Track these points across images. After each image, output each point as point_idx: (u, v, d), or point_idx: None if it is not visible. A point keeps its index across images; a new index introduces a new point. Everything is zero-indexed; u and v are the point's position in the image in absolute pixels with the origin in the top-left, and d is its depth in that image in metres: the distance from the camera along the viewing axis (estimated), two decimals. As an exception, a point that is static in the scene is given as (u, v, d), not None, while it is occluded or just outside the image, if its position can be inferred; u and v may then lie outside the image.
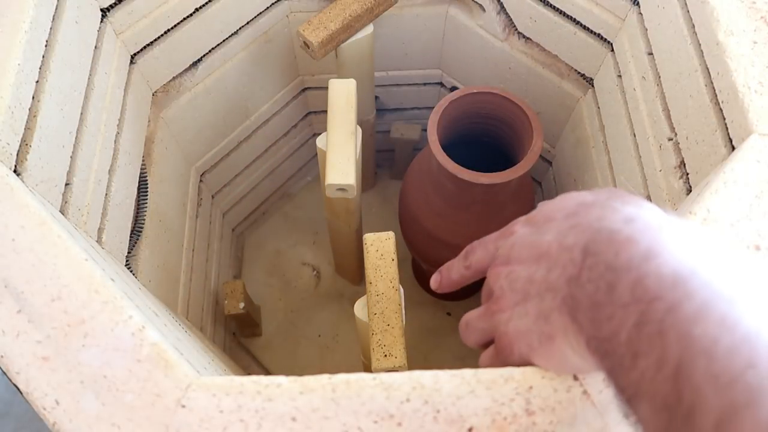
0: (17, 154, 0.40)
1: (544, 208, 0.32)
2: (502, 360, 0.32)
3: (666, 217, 0.25)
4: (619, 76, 0.59)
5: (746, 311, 0.21)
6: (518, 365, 0.31)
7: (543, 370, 0.30)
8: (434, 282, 0.40)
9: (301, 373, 0.31)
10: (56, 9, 0.46)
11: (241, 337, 0.91)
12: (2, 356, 0.32)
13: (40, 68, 0.43)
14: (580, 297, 0.25)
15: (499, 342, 0.32)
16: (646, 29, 0.53)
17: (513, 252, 0.32)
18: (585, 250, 0.26)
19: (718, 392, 0.19)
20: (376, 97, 0.87)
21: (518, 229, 0.33)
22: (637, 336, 0.22)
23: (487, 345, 0.34)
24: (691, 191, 0.45)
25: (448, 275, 0.39)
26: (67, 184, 0.46)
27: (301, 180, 1.04)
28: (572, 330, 0.26)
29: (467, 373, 0.31)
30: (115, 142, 0.54)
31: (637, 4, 0.55)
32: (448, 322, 0.92)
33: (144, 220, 0.59)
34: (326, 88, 0.65)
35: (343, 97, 0.64)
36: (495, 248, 0.34)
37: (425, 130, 0.64)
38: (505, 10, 0.69)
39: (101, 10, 0.54)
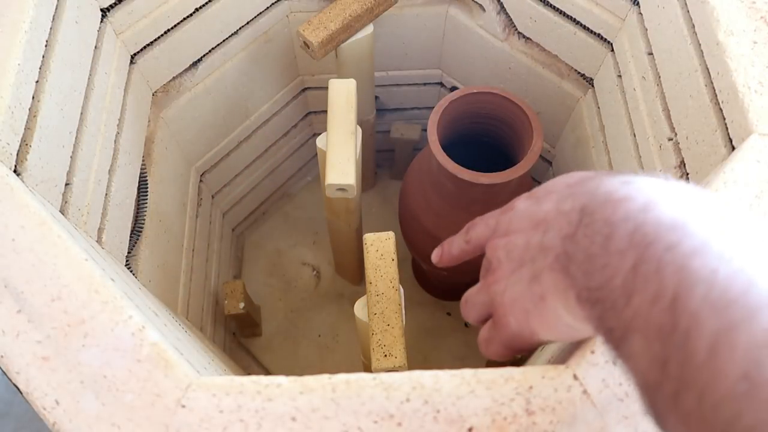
0: (17, 154, 0.40)
1: (546, 183, 0.32)
2: (500, 332, 0.32)
3: (663, 180, 0.26)
4: (619, 76, 0.59)
5: (745, 248, 0.21)
6: (515, 337, 0.31)
7: (543, 370, 0.30)
8: (435, 256, 0.41)
9: (301, 373, 0.31)
10: (56, 9, 0.46)
11: (241, 337, 0.91)
12: (2, 356, 0.32)
13: (40, 68, 0.43)
14: (574, 252, 0.25)
15: (495, 314, 0.32)
16: (646, 29, 0.53)
17: (512, 224, 0.32)
18: (582, 211, 0.26)
19: (715, 314, 0.19)
20: (376, 97, 0.87)
21: (519, 204, 0.33)
22: (633, 277, 0.22)
23: (486, 321, 0.34)
24: (691, 191, 0.44)
25: (449, 249, 0.39)
26: (67, 184, 0.46)
27: (301, 180, 1.04)
28: (563, 286, 0.26)
29: (467, 373, 0.31)
30: (115, 142, 0.54)
31: (637, 4, 0.55)
32: (448, 322, 0.92)
33: (144, 220, 0.59)
34: (326, 88, 0.65)
35: (343, 97, 0.64)
36: (495, 223, 0.35)
37: (425, 130, 0.64)
38: (505, 10, 0.69)
39: (101, 10, 0.54)
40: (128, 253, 0.55)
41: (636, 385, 0.22)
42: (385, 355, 0.50)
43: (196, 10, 0.62)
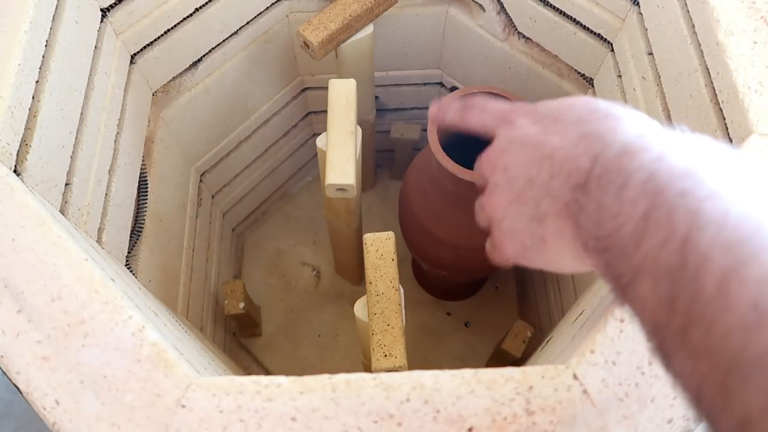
0: (17, 154, 0.40)
1: (552, 104, 0.30)
2: (498, 254, 0.32)
3: (678, 132, 0.26)
4: (619, 76, 0.59)
5: (756, 194, 0.21)
6: (513, 260, 0.31)
7: (543, 370, 0.30)
8: (431, 110, 0.39)
9: (301, 373, 0.31)
10: (56, 9, 0.46)
11: (241, 337, 0.91)
12: (2, 356, 0.32)
13: (40, 68, 0.43)
14: (585, 202, 0.25)
15: (493, 238, 0.32)
16: (646, 29, 0.53)
17: (513, 146, 0.30)
18: (594, 160, 0.25)
19: (725, 252, 0.19)
20: (376, 97, 0.87)
21: (521, 122, 0.31)
22: (643, 224, 0.22)
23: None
24: (691, 191, 0.44)
25: (444, 114, 0.37)
26: (67, 184, 0.46)
27: (301, 180, 1.04)
28: (569, 234, 0.26)
29: (467, 373, 0.31)
30: (115, 142, 0.54)
31: (637, 4, 0.55)
32: (448, 322, 0.92)
33: (144, 220, 0.59)
34: (326, 88, 0.65)
35: (343, 97, 0.64)
36: (492, 123, 0.33)
37: (425, 130, 0.64)
38: (505, 10, 0.69)
39: (101, 10, 0.54)
40: (128, 253, 0.55)
41: (644, 328, 0.22)
42: (385, 355, 0.50)
43: (196, 10, 0.62)
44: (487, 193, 0.32)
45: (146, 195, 0.60)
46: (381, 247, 0.54)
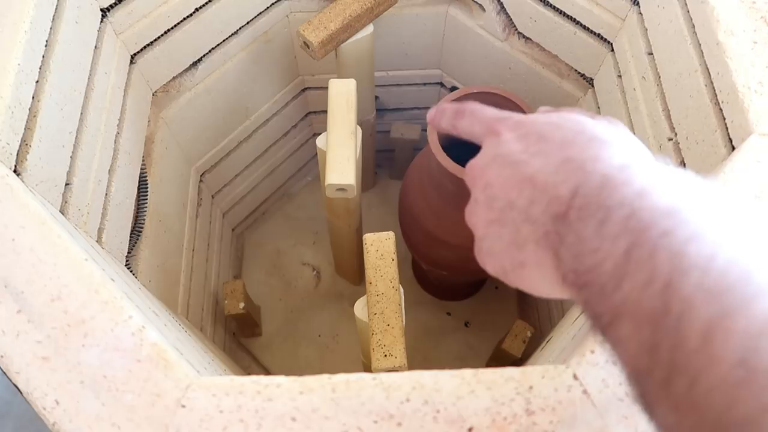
0: (17, 154, 0.40)
1: (540, 120, 0.29)
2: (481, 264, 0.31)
3: (661, 165, 0.25)
4: (619, 76, 0.59)
5: (742, 237, 0.20)
6: (495, 276, 0.31)
7: (543, 370, 0.30)
8: (429, 114, 0.38)
9: (301, 373, 0.31)
10: (56, 9, 0.46)
11: (241, 337, 0.91)
12: (2, 356, 0.32)
13: (40, 68, 0.43)
14: (565, 233, 0.24)
15: (475, 251, 0.31)
16: (646, 29, 0.53)
17: (495, 164, 0.29)
18: (574, 191, 0.25)
19: (710, 300, 0.18)
20: (376, 97, 0.87)
21: (506, 135, 0.30)
22: (624, 262, 0.21)
23: None
24: (691, 191, 0.44)
25: (440, 119, 0.36)
26: (67, 184, 0.46)
27: (301, 180, 1.04)
28: (549, 264, 0.26)
29: (467, 373, 0.31)
30: (115, 142, 0.54)
31: (637, 4, 0.55)
32: (448, 322, 0.92)
33: (144, 220, 0.59)
34: (326, 88, 0.65)
35: (343, 97, 0.64)
36: (480, 132, 0.32)
37: (425, 130, 0.64)
38: (505, 10, 0.69)
39: (101, 10, 0.54)
40: (128, 253, 0.55)
41: (624, 372, 0.21)
42: (385, 355, 0.50)
43: (196, 10, 0.62)
44: (470, 206, 0.31)
45: (146, 195, 0.60)
46: (381, 247, 0.54)
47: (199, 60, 0.67)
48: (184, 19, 0.62)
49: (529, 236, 0.27)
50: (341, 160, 0.60)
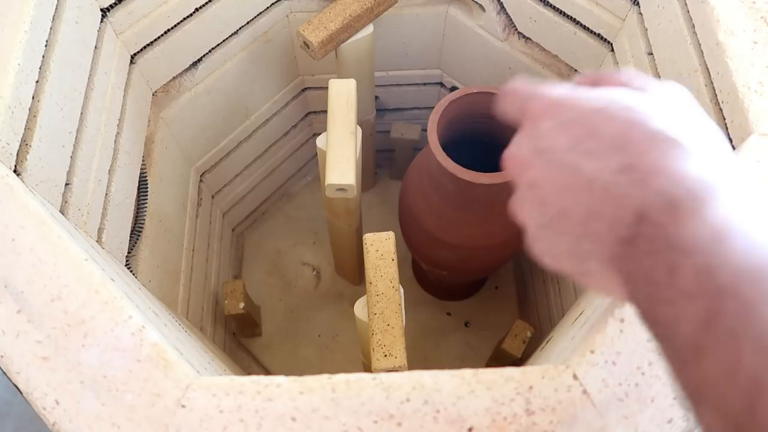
0: (17, 154, 0.40)
1: (583, 105, 0.24)
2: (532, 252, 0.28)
3: (738, 180, 0.21)
4: (619, 76, 0.59)
5: None
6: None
7: (543, 370, 0.30)
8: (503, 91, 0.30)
9: (301, 373, 0.31)
10: (56, 9, 0.46)
11: (241, 337, 0.91)
12: (2, 356, 0.32)
13: (40, 68, 0.43)
14: (635, 268, 0.22)
15: (526, 238, 0.27)
16: (646, 29, 0.53)
17: (540, 160, 0.25)
18: (640, 215, 0.22)
19: None
20: (376, 97, 0.87)
21: (546, 124, 0.25)
22: (704, 332, 0.19)
23: None
24: (691, 191, 0.44)
25: (510, 105, 0.29)
26: (67, 184, 0.46)
27: (301, 180, 1.04)
28: (616, 281, 0.23)
29: (467, 373, 0.31)
30: (115, 142, 0.54)
31: (637, 4, 0.55)
32: (448, 322, 0.92)
33: (144, 220, 0.59)
34: (326, 88, 0.65)
35: (343, 97, 0.64)
36: (515, 113, 0.28)
37: (425, 130, 0.64)
38: (505, 10, 0.69)
39: (101, 10, 0.54)
40: (128, 253, 0.55)
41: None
42: (385, 355, 0.50)
43: (196, 10, 0.62)
44: (516, 202, 0.27)
45: (146, 195, 0.60)
46: (381, 247, 0.54)
47: (199, 60, 0.67)
48: (184, 19, 0.62)
49: (593, 253, 0.24)
50: (341, 160, 0.60)
